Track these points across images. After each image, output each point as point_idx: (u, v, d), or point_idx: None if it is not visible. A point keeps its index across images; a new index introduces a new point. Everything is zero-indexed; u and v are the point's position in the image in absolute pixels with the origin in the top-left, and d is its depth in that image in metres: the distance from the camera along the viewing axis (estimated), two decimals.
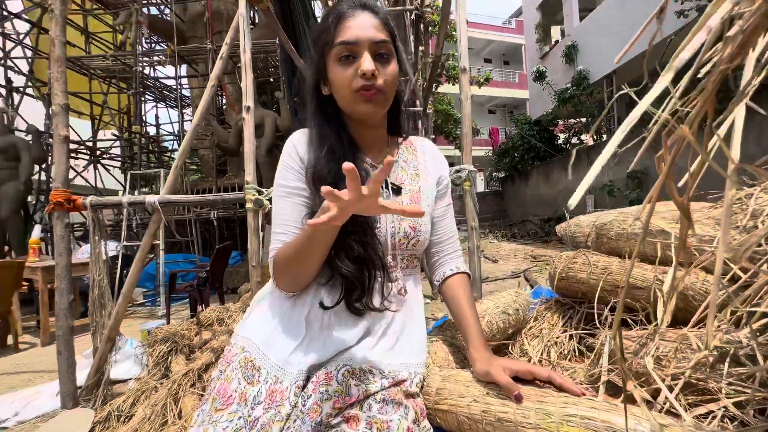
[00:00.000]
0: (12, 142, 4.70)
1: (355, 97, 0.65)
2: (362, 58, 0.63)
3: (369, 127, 0.72)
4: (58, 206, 1.79)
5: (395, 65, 0.67)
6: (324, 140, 0.68)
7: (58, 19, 1.78)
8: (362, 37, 0.63)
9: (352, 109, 0.67)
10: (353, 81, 0.64)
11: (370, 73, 0.62)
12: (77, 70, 6.47)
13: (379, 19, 0.65)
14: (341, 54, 0.64)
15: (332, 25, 0.64)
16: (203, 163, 7.86)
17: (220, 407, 0.59)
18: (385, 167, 0.45)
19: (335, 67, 0.65)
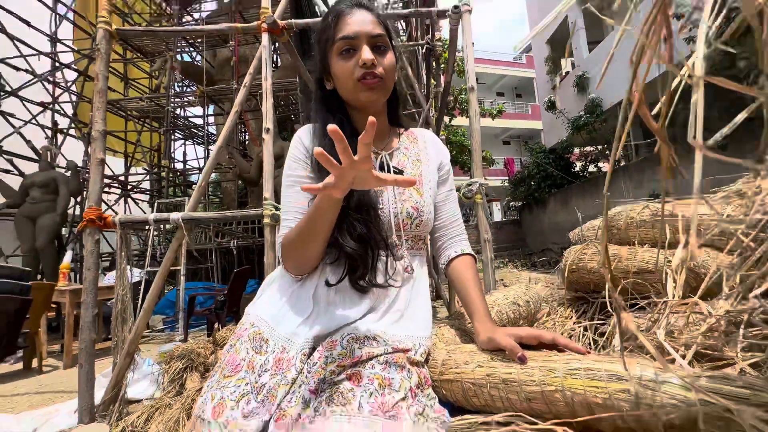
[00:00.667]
0: (53, 176, 5.06)
1: (357, 86, 0.70)
2: (362, 50, 0.69)
3: (371, 115, 0.78)
4: (90, 223, 1.90)
5: (392, 56, 0.73)
6: (326, 130, 0.73)
7: (103, 56, 2.00)
8: (361, 31, 0.69)
9: (355, 98, 0.73)
10: (355, 71, 0.69)
11: (370, 62, 0.68)
12: (115, 111, 7.04)
13: (374, 16, 0.72)
14: (342, 48, 0.70)
15: (332, 23, 0.71)
16: (225, 195, 8.18)
17: (228, 374, 0.61)
18: (368, 128, 0.48)
19: (337, 61, 0.71)
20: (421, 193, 0.77)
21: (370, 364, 0.55)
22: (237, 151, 7.02)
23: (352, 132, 0.76)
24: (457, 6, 2.00)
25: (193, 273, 7.08)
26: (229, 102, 7.00)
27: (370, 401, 0.50)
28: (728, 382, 0.38)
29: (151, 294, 2.00)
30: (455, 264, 0.78)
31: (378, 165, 0.77)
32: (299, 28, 2.16)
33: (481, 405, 0.54)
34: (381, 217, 0.71)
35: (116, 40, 2.08)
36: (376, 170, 0.74)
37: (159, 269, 2.06)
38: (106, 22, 2.00)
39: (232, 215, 2.13)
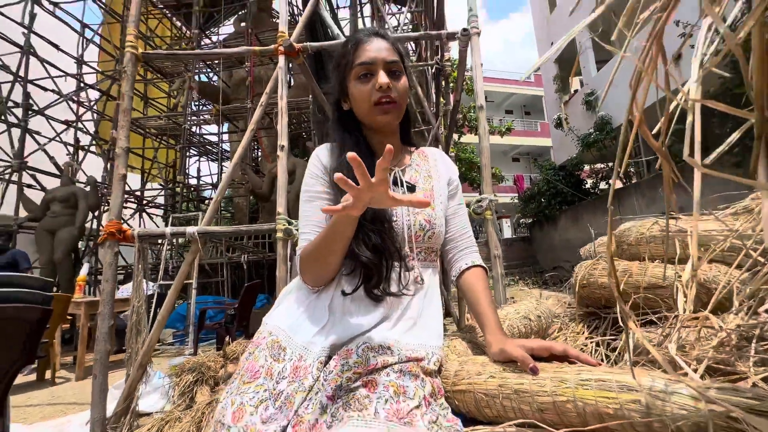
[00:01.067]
0: (72, 191, 5.23)
1: (374, 108, 0.75)
2: (378, 74, 0.74)
3: (384, 135, 0.82)
4: (110, 236, 1.97)
5: (405, 80, 0.78)
6: (344, 147, 0.78)
7: (129, 78, 2.11)
8: (377, 57, 0.74)
9: (371, 119, 0.77)
10: (372, 94, 0.75)
11: (386, 86, 0.73)
12: (134, 129, 7.31)
13: (390, 43, 0.77)
14: (360, 73, 0.76)
15: (351, 50, 0.77)
16: (237, 210, 8.33)
17: (247, 381, 0.63)
18: (385, 155, 0.52)
19: (355, 85, 0.76)
20: (433, 206, 0.80)
21: (385, 372, 0.57)
22: (250, 167, 7.19)
23: (367, 150, 0.80)
24: (466, 29, 2.07)
25: (204, 287, 7.15)
26: (243, 120, 7.21)
27: (385, 407, 0.51)
28: (738, 393, 0.38)
29: (165, 307, 2.04)
30: (466, 276, 0.80)
31: (392, 180, 0.80)
32: (314, 50, 2.25)
33: (493, 416, 0.55)
34: (395, 228, 0.74)
35: (141, 62, 2.20)
36: (391, 189, 0.78)
37: (173, 282, 2.10)
38: (133, 47, 2.12)
39: (246, 229, 2.18)
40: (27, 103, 5.83)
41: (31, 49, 5.88)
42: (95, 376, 1.89)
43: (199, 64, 7.81)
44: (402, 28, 6.24)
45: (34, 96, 6.01)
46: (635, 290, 0.81)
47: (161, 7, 8.05)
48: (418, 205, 0.54)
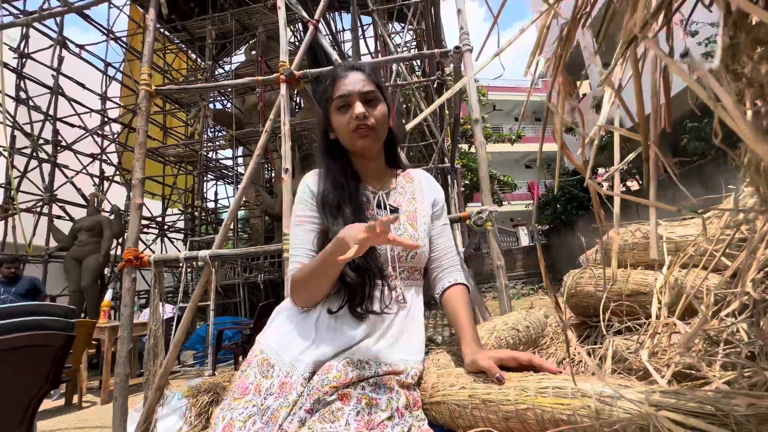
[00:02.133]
0: (98, 220, 5.50)
1: (353, 135, 0.81)
2: (354, 105, 0.80)
3: (368, 159, 0.87)
4: (128, 263, 2.07)
5: (383, 107, 0.83)
6: (330, 173, 0.83)
7: (143, 113, 2.26)
8: (353, 90, 0.80)
9: (352, 145, 0.83)
10: (350, 123, 0.80)
11: (362, 115, 0.79)
12: (154, 158, 7.67)
13: (365, 75, 0.83)
14: (339, 105, 0.82)
15: (330, 85, 0.84)
16: (253, 231, 8.52)
17: (237, 397, 0.67)
18: (384, 221, 0.56)
19: (336, 116, 0.83)
20: (416, 227, 0.85)
21: (360, 385, 0.60)
22: (263, 189, 7.39)
23: (353, 174, 0.85)
24: (458, 46, 2.13)
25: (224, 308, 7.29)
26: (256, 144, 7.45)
27: (356, 419, 0.54)
28: (678, 396, 0.40)
29: (181, 329, 2.12)
30: (448, 293, 0.83)
31: (375, 203, 0.85)
32: (314, 76, 2.36)
33: (466, 426, 0.57)
34: (378, 249, 0.78)
35: (155, 98, 2.35)
36: (374, 211, 0.82)
37: (188, 305, 2.18)
38: (146, 84, 2.27)
39: (255, 251, 2.25)
40: (56, 140, 6.23)
41: (60, 90, 6.31)
42: (116, 399, 1.97)
43: (213, 93, 8.18)
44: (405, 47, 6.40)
45: (62, 132, 6.41)
46: (618, 297, 0.82)
47: (177, 41, 8.51)
48: (407, 247, 0.59)
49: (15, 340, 1.53)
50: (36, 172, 6.03)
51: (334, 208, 0.78)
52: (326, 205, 0.79)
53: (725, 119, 0.22)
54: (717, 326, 0.58)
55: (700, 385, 0.54)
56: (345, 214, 0.77)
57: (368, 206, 0.84)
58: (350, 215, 0.77)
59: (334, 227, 0.76)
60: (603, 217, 0.42)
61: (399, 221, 0.83)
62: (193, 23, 7.67)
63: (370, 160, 0.87)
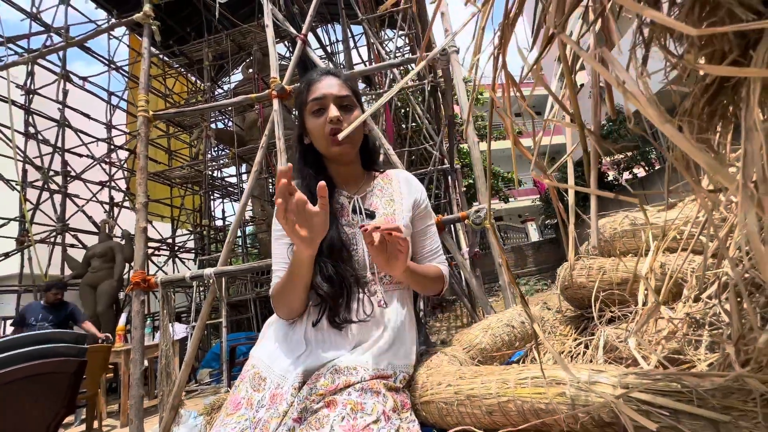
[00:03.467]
0: (110, 246, 5.61)
1: (328, 140, 0.81)
2: (329, 108, 0.80)
3: (344, 164, 0.87)
4: (136, 285, 2.12)
5: (358, 112, 0.83)
6: (303, 181, 0.84)
7: (143, 138, 2.32)
8: (328, 93, 0.81)
9: (326, 150, 0.83)
10: (324, 127, 0.80)
11: (336, 118, 0.79)
12: (161, 181, 7.83)
13: (341, 80, 0.84)
14: (314, 108, 0.82)
15: (305, 89, 0.84)
16: (262, 246, 8.58)
17: (230, 412, 0.68)
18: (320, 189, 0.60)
19: (310, 119, 0.83)
20: None
21: (347, 391, 0.60)
22: (268, 203, 7.46)
23: (326, 178, 0.85)
24: (444, 49, 2.16)
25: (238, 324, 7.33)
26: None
27: (341, 424, 0.55)
28: (648, 377, 0.40)
29: (191, 347, 2.15)
30: None
31: (351, 208, 0.84)
32: None
33: (454, 423, 0.57)
34: (355, 256, 0.79)
35: (153, 122, 2.42)
36: (350, 216, 0.82)
37: (196, 323, 2.21)
38: (144, 110, 2.34)
39: (258, 266, 2.28)
40: (65, 171, 6.40)
41: (66, 122, 6.50)
42: (131, 421, 2.00)
43: (213, 113, 8.34)
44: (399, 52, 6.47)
45: (71, 163, 6.59)
46: (610, 286, 0.82)
47: (176, 66, 8.72)
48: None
49: (30, 369, 1.57)
50: (48, 203, 6.19)
51: None
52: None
53: (633, 102, 0.23)
54: (702, 309, 0.58)
55: (688, 368, 0.54)
56: None
57: (343, 212, 0.83)
58: None
59: None
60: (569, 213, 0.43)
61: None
62: (190, 47, 7.86)
63: (345, 165, 0.88)
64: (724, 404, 0.34)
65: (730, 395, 0.34)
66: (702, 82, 0.26)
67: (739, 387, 0.34)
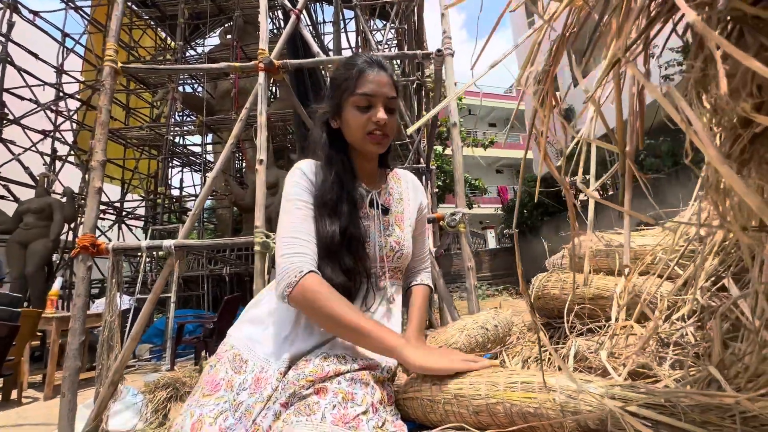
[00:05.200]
0: (48, 202, 5.10)
1: (366, 138, 0.78)
2: (377, 109, 0.77)
3: (367, 160, 0.86)
4: (83, 250, 1.94)
5: (397, 116, 0.83)
6: (331, 167, 0.80)
7: (107, 91, 2.12)
8: (380, 92, 0.77)
9: (361, 147, 0.81)
10: (367, 125, 0.78)
11: (383, 122, 0.77)
12: (115, 140, 7.21)
13: (390, 78, 0.80)
14: (359, 103, 0.78)
15: (354, 76, 0.78)
16: (220, 222, 8.23)
17: (207, 393, 0.65)
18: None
19: (352, 111, 0.78)
20: (403, 228, 0.86)
21: (337, 380, 0.60)
22: (233, 179, 7.15)
23: (351, 170, 0.82)
24: (440, 50, 2.17)
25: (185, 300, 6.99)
26: (228, 131, 7.18)
27: (332, 412, 0.55)
28: (634, 390, 0.44)
29: (140, 321, 2.02)
30: (413, 290, 0.92)
31: (368, 202, 0.83)
32: (294, 67, 2.31)
33: (437, 420, 0.59)
34: (367, 249, 0.79)
35: (120, 76, 2.22)
36: (367, 207, 0.81)
37: (149, 296, 2.08)
38: (112, 60, 2.13)
39: (224, 242, 2.18)
40: (2, 113, 5.70)
41: (8, 58, 5.78)
42: (63, 395, 1.85)
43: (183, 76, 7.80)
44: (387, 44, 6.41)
45: (9, 105, 5.88)
46: (582, 301, 0.88)
47: (146, 17, 8.03)
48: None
49: None
50: None
51: (334, 206, 0.76)
52: (325, 199, 0.76)
53: (695, 141, 0.25)
54: (668, 329, 0.63)
55: (652, 382, 0.59)
56: (342, 212, 0.76)
57: (362, 204, 0.83)
58: (347, 214, 0.76)
59: (331, 226, 0.74)
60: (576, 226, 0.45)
61: (388, 222, 0.84)
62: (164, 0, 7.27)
63: (368, 161, 0.87)
64: (703, 419, 0.38)
65: (709, 411, 0.38)
66: (750, 128, 0.29)
67: (718, 405, 0.38)
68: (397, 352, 0.63)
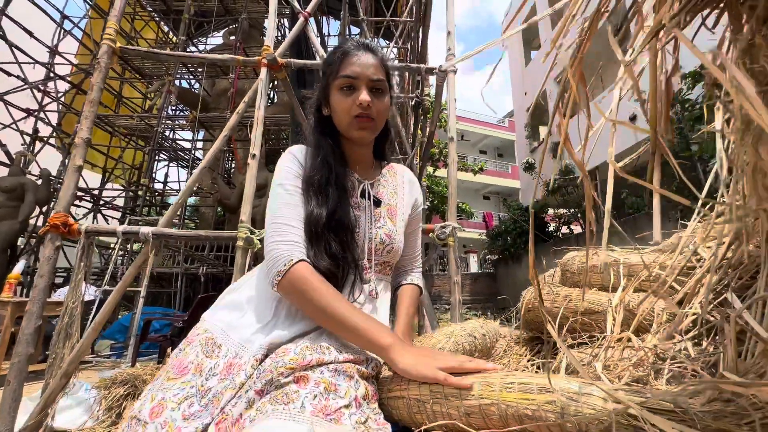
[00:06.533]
0: (21, 182, 4.87)
1: (352, 122, 0.76)
2: (361, 90, 0.75)
3: (358, 146, 0.83)
4: (54, 228, 1.84)
5: (387, 99, 0.80)
6: (320, 150, 0.78)
7: (102, 69, 2.06)
8: (363, 73, 0.75)
9: (347, 132, 0.79)
10: (351, 109, 0.75)
11: (366, 103, 0.74)
12: (102, 126, 7.02)
13: (378, 60, 0.78)
14: (343, 85, 0.76)
15: (338, 60, 0.77)
16: (202, 221, 8.02)
17: (173, 377, 0.59)
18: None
19: (337, 95, 0.77)
20: (395, 222, 0.83)
21: (320, 369, 0.55)
22: (221, 177, 7.02)
23: (341, 156, 0.80)
24: (443, 66, 2.21)
25: (155, 297, 6.69)
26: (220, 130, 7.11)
27: (313, 403, 0.50)
28: (641, 395, 0.41)
29: (104, 311, 1.90)
30: (402, 289, 0.89)
31: (360, 192, 0.81)
32: (297, 67, 2.31)
33: (422, 421, 0.55)
34: (356, 239, 0.75)
35: (118, 56, 2.16)
36: (358, 197, 0.79)
37: (116, 286, 1.97)
38: (111, 39, 2.09)
39: (206, 236, 2.10)
40: None
41: (1, 32, 5.63)
42: (8, 383, 1.70)
43: (181, 70, 7.73)
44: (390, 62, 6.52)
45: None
46: (574, 314, 0.86)
47: (150, 9, 8.00)
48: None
49: None
50: None
51: (320, 189, 0.73)
52: (312, 184, 0.74)
53: (745, 105, 0.23)
54: (666, 343, 0.61)
55: None
56: (330, 197, 0.73)
57: (353, 193, 0.80)
58: (335, 199, 0.73)
59: (318, 209, 0.71)
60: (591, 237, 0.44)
61: (380, 214, 0.81)
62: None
63: (361, 147, 0.84)
64: (717, 426, 0.35)
65: (723, 418, 0.36)
66: None
67: (733, 411, 0.36)
68: (386, 353, 0.59)
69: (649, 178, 0.34)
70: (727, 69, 0.26)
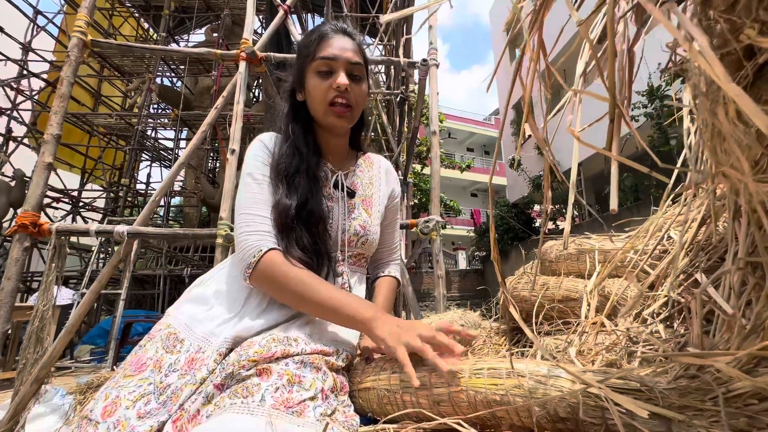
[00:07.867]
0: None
1: (328, 109, 0.73)
2: (338, 73, 0.72)
3: (334, 135, 0.81)
4: (22, 228, 1.76)
5: (365, 86, 0.77)
6: (291, 138, 0.75)
7: (72, 63, 1.98)
8: (341, 56, 0.72)
9: (323, 119, 0.76)
10: (328, 93, 0.72)
11: (344, 87, 0.71)
12: (80, 125, 6.81)
13: (356, 44, 0.76)
14: (320, 68, 0.73)
15: (315, 42, 0.74)
16: (186, 221, 7.86)
17: (129, 374, 0.56)
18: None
19: (313, 79, 0.74)
20: (370, 213, 0.80)
21: (285, 361, 0.53)
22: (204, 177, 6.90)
23: (314, 144, 0.77)
24: (425, 59, 2.20)
25: (138, 300, 6.54)
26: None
27: (274, 395, 0.47)
28: (607, 375, 0.40)
29: (78, 312, 1.83)
30: (378, 281, 0.88)
31: (333, 182, 0.79)
32: (276, 60, 2.27)
33: (393, 412, 0.53)
34: (329, 231, 0.73)
35: (89, 50, 2.08)
36: (331, 188, 0.77)
37: (93, 285, 1.90)
38: (81, 32, 2.01)
39: (184, 234, 2.05)
40: None
41: None
42: None
43: (162, 67, 7.56)
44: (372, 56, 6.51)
45: None
46: (551, 302, 0.85)
47: (129, 5, 7.78)
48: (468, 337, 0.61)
49: None
50: None
51: (290, 177, 0.70)
52: (281, 171, 0.71)
53: (700, 62, 0.22)
54: (638, 327, 0.61)
55: None
56: (300, 187, 0.70)
57: (325, 184, 0.77)
58: (306, 189, 0.70)
59: (286, 199, 0.68)
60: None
61: (354, 205, 0.79)
62: None
63: (334, 136, 0.81)
64: (681, 403, 0.34)
65: (688, 394, 0.35)
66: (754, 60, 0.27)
67: (697, 387, 0.35)
68: (368, 325, 0.57)
69: (608, 145, 0.33)
70: (681, 22, 0.24)
